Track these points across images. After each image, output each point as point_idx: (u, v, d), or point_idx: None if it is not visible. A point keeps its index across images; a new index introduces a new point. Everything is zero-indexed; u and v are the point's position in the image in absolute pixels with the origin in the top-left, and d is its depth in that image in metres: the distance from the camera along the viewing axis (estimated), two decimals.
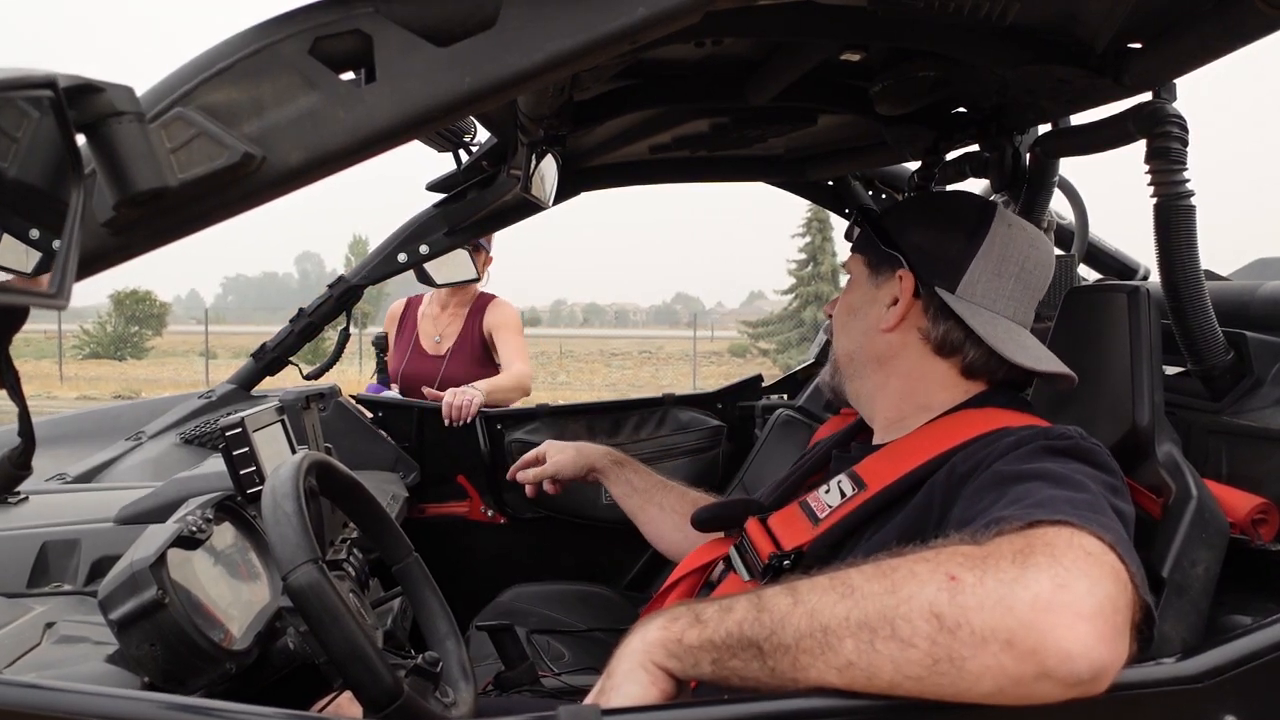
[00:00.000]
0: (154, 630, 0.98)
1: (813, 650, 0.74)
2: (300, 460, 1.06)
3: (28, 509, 1.53)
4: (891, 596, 0.73)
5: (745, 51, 1.58)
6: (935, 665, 0.70)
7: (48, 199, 0.63)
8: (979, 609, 0.70)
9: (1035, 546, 0.73)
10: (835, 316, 1.29)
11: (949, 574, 0.72)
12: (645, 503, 1.67)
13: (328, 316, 2.35)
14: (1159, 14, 1.17)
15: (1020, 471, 0.90)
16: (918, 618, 0.71)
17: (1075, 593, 0.69)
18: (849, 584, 0.76)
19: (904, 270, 1.18)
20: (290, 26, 0.73)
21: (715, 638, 0.79)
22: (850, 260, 1.30)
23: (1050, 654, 0.68)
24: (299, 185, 0.75)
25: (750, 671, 0.78)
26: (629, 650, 0.85)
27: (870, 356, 1.22)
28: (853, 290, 1.27)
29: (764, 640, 0.77)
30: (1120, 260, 2.25)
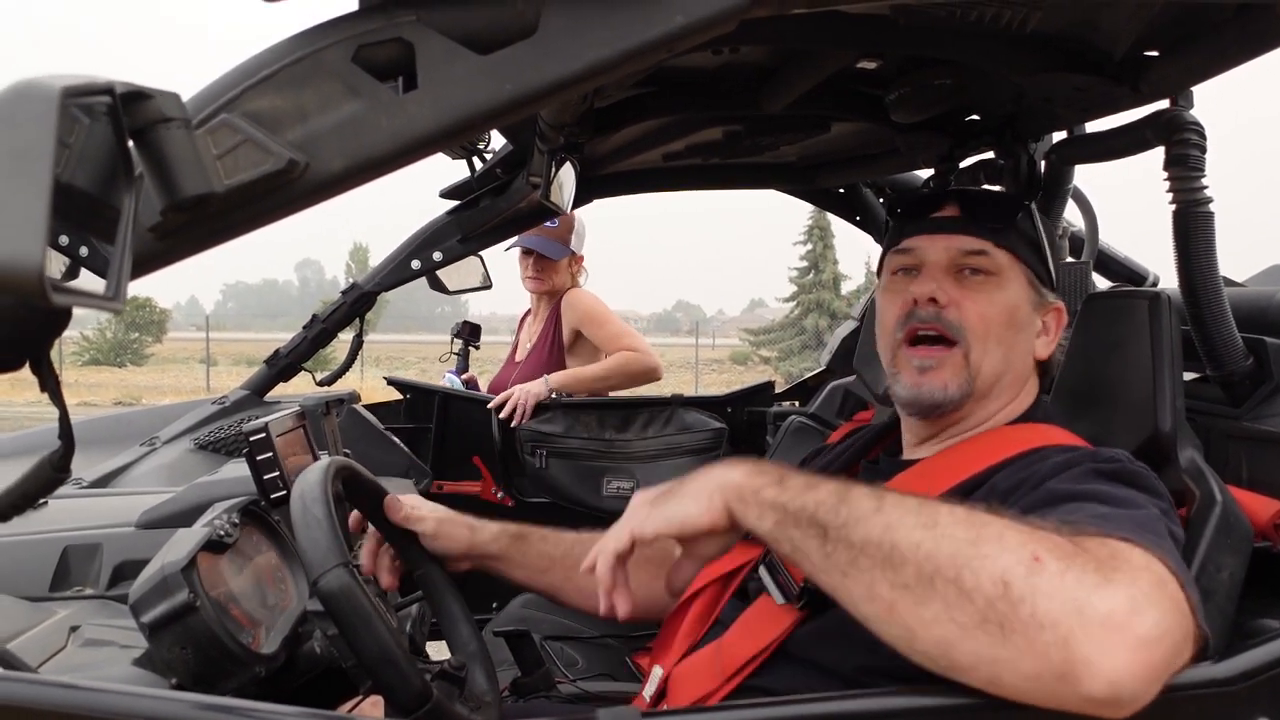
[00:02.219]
0: (185, 633, 0.98)
1: (874, 559, 0.76)
2: (327, 465, 1.07)
3: (49, 513, 1.54)
4: (971, 547, 0.73)
5: (761, 59, 1.59)
6: (983, 624, 0.71)
7: (99, 204, 0.64)
8: (1050, 597, 0.70)
9: (1118, 562, 0.73)
10: (988, 321, 1.09)
11: (1034, 554, 0.72)
12: (572, 569, 1.33)
13: (341, 323, 2.37)
14: (1178, 22, 1.18)
15: (1074, 491, 0.90)
16: (986, 577, 0.71)
17: (1145, 621, 0.69)
18: (935, 518, 0.76)
19: (1060, 303, 1.15)
20: (333, 34, 0.74)
21: (790, 505, 0.81)
22: (998, 253, 1.11)
23: (1095, 669, 0.68)
24: (340, 191, 0.76)
25: (807, 548, 0.80)
26: (705, 476, 0.87)
27: (1015, 380, 1.13)
28: (1009, 295, 1.11)
29: (833, 528, 0.78)
30: (1129, 267, 2.26)
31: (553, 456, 2.63)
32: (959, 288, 1.10)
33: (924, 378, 1.10)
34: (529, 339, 3.11)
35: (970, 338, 1.09)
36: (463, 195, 2.28)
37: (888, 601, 0.75)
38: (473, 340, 3.19)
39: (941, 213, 1.15)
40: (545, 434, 2.64)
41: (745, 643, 1.07)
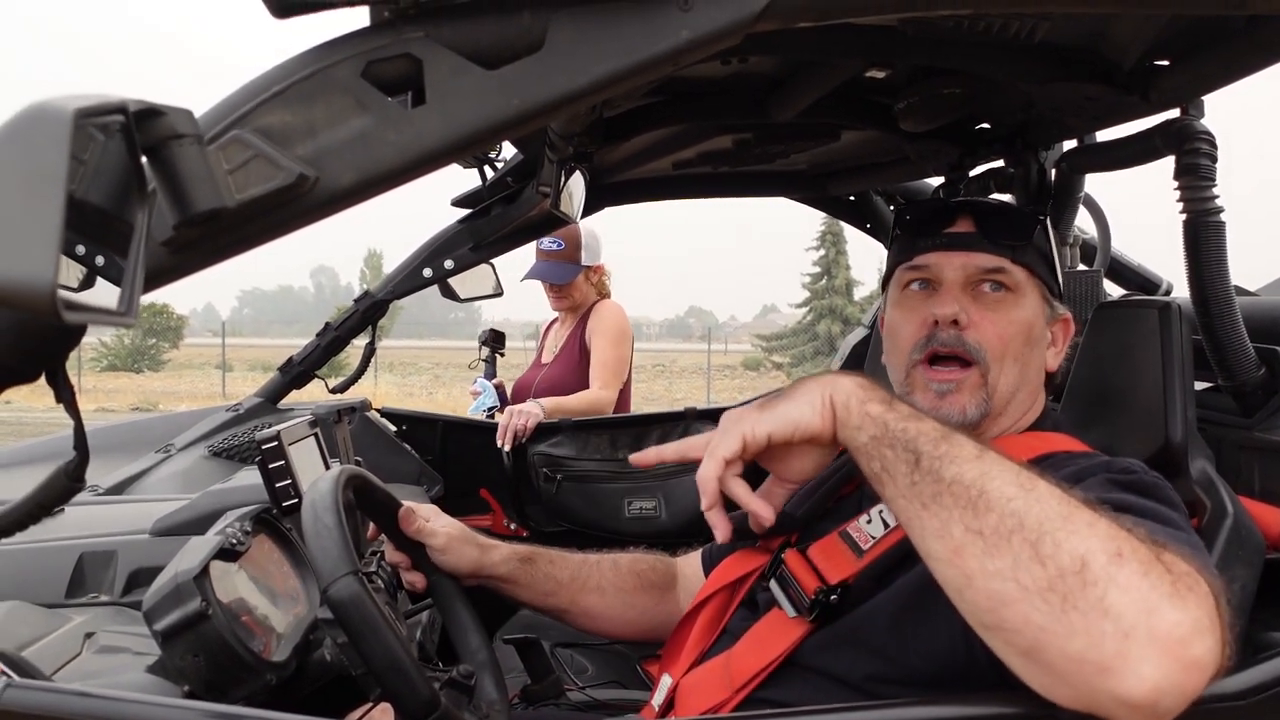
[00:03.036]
0: (198, 641, 0.99)
1: (959, 498, 0.76)
2: (339, 474, 1.08)
3: (64, 520, 1.55)
4: (1061, 520, 0.73)
5: (770, 69, 1.60)
6: (1046, 592, 0.70)
7: (113, 219, 0.65)
8: (1125, 590, 0.69)
9: (1193, 583, 0.73)
10: (1007, 340, 1.08)
11: (1119, 549, 0.71)
12: (578, 592, 1.38)
13: (353, 331, 2.38)
14: (1188, 31, 1.17)
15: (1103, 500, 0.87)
16: (1066, 551, 0.71)
17: (1203, 645, 0.69)
18: (1033, 484, 0.76)
19: (1068, 314, 1.14)
20: (343, 50, 0.75)
21: (893, 425, 0.82)
22: (1015, 269, 1.10)
23: (1143, 674, 0.68)
24: (350, 205, 0.77)
25: (895, 471, 0.80)
26: (814, 381, 0.89)
27: (1028, 394, 1.12)
28: (1026, 311, 1.10)
29: (928, 458, 0.79)
30: (1142, 275, 2.25)
31: (568, 481, 2.53)
32: (977, 306, 1.10)
33: (943, 401, 1.08)
34: (555, 344, 3.16)
35: (989, 358, 1.08)
36: (474, 204, 2.29)
37: (957, 543, 0.75)
38: (498, 347, 3.22)
39: (955, 227, 1.13)
40: (557, 458, 2.54)
41: (755, 654, 1.07)
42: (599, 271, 3.15)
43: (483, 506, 2.58)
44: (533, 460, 2.56)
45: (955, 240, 1.12)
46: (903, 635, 0.97)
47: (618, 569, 1.40)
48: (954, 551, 0.76)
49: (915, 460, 0.79)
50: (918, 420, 0.83)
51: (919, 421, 0.83)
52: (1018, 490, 0.75)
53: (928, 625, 0.94)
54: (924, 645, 0.95)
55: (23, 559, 1.42)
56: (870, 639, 0.99)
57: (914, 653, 0.95)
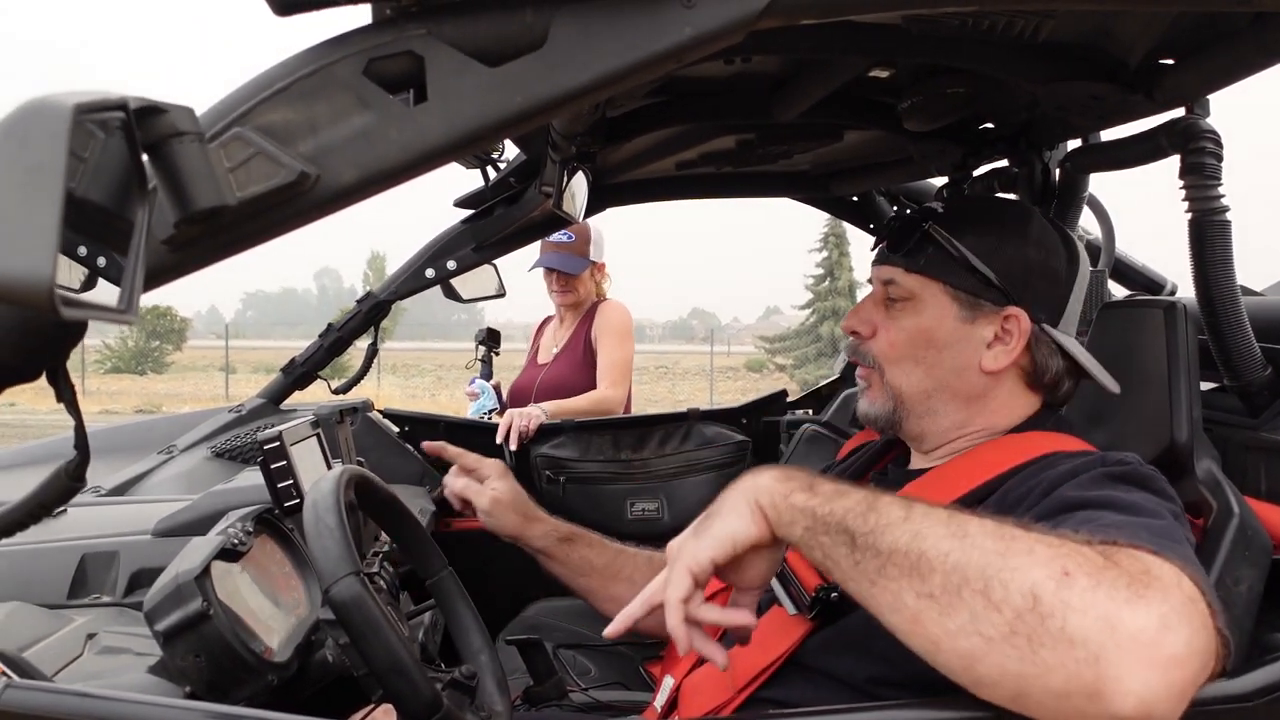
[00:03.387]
0: (199, 642, 0.99)
1: (901, 567, 0.76)
2: (340, 474, 1.07)
3: (66, 521, 1.55)
4: (999, 559, 0.73)
5: (773, 68, 1.60)
6: (1010, 637, 0.70)
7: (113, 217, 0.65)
8: (1081, 612, 0.69)
9: (1150, 577, 0.72)
10: (897, 346, 1.13)
11: (1064, 568, 0.71)
12: (610, 579, 1.45)
13: (356, 332, 2.38)
14: (1193, 30, 1.17)
15: (1087, 498, 0.89)
16: (1015, 589, 0.71)
17: (1176, 639, 0.69)
18: (964, 529, 0.76)
19: (1015, 310, 1.10)
20: (345, 48, 0.75)
21: (819, 511, 0.82)
22: (906, 278, 1.13)
23: (1126, 688, 0.67)
24: (351, 203, 0.76)
25: (836, 555, 0.80)
26: (738, 488, 0.88)
27: (957, 395, 1.13)
28: (923, 318, 1.12)
29: (861, 535, 0.79)
30: (1147, 275, 2.24)
31: (571, 482, 2.52)
32: (884, 315, 1.16)
33: (863, 397, 1.19)
34: (554, 344, 3.15)
35: (883, 362, 1.15)
36: (477, 204, 2.29)
37: (913, 611, 0.75)
38: (494, 346, 3.21)
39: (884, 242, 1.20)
40: (560, 459, 2.53)
41: (757, 654, 1.07)
42: (601, 270, 3.18)
43: None
44: (535, 462, 2.55)
45: (878, 255, 1.20)
46: None
47: (651, 565, 1.44)
48: (912, 620, 0.76)
49: (851, 540, 0.80)
50: (842, 497, 0.83)
51: (843, 498, 0.83)
52: (952, 542, 0.75)
53: None
54: None
55: (24, 560, 1.42)
56: (872, 642, 0.99)
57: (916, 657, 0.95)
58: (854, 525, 0.80)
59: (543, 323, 3.35)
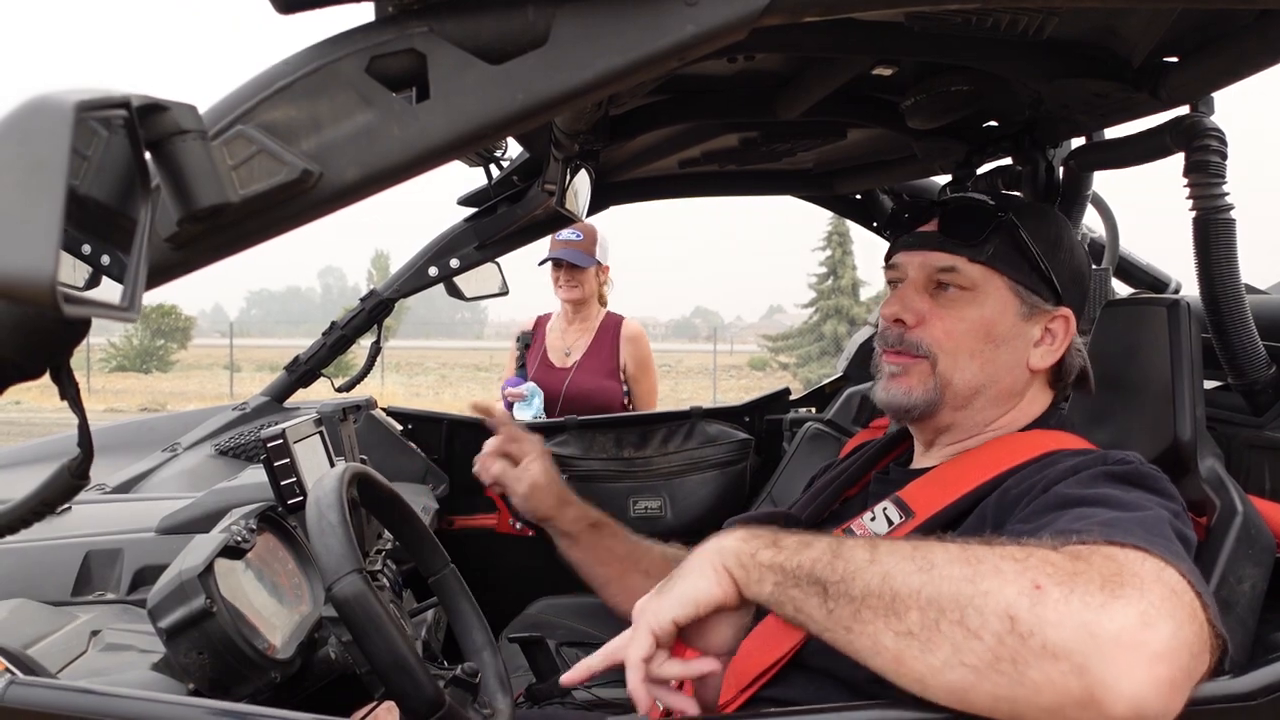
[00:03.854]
0: (202, 639, 0.99)
1: (876, 609, 0.75)
2: (343, 471, 1.08)
3: (71, 519, 1.56)
4: (970, 585, 0.72)
5: (777, 66, 1.59)
6: (996, 663, 0.70)
7: (116, 215, 0.65)
8: (1058, 625, 0.69)
9: (1124, 575, 0.72)
10: (955, 336, 1.10)
11: (1034, 582, 0.71)
12: (628, 570, 1.43)
13: (359, 330, 2.38)
14: (1197, 28, 1.17)
15: (1083, 495, 0.89)
16: (991, 614, 0.70)
17: (1159, 634, 0.68)
18: (930, 559, 0.75)
19: (1066, 310, 1.12)
20: (347, 45, 0.75)
21: (787, 565, 0.82)
22: (970, 268, 1.10)
23: (1115, 692, 0.67)
24: (354, 200, 0.76)
25: (809, 607, 0.79)
26: (703, 550, 0.88)
27: (1001, 391, 1.12)
28: (986, 310, 1.10)
29: (832, 584, 0.78)
30: (1151, 274, 2.24)
31: (574, 480, 2.51)
32: (932, 304, 1.12)
33: (892, 383, 1.13)
34: (566, 345, 3.20)
35: (937, 351, 1.11)
36: (480, 202, 2.29)
37: (894, 652, 0.74)
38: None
39: (925, 226, 1.16)
40: (563, 457, 2.54)
41: (759, 654, 1.07)
42: (605, 272, 3.26)
43: (488, 505, 2.58)
44: None
45: (919, 240, 1.15)
46: None
47: (665, 559, 1.44)
48: (896, 661, 0.75)
49: (823, 590, 0.79)
50: (808, 548, 0.82)
51: (809, 549, 0.82)
52: (921, 576, 0.75)
53: None
54: None
55: (29, 557, 1.43)
56: None
57: None
58: (823, 574, 0.79)
59: (540, 320, 3.36)
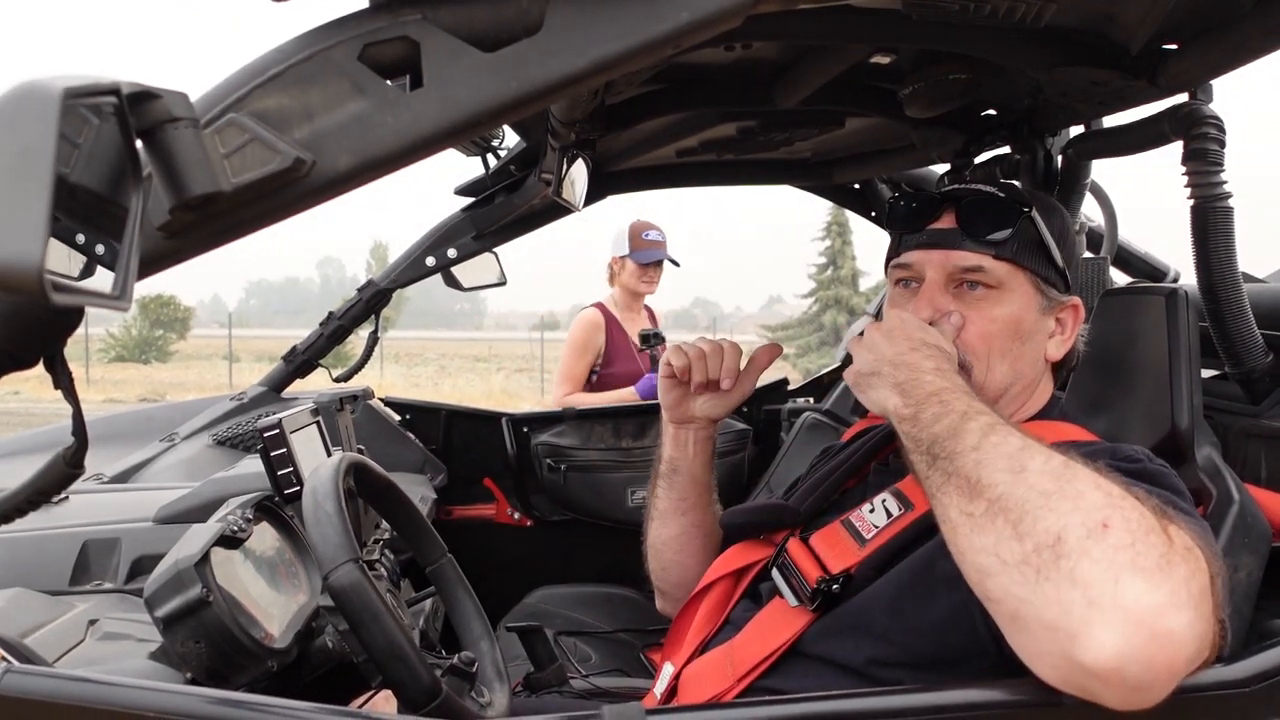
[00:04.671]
0: (199, 627, 0.99)
1: (959, 488, 0.84)
2: (339, 461, 1.08)
3: (69, 508, 1.56)
4: (1043, 499, 0.77)
5: (774, 55, 1.58)
6: (1022, 565, 0.75)
7: (107, 203, 0.65)
8: (1095, 562, 0.72)
9: (1189, 557, 0.74)
10: (989, 339, 1.08)
11: (1105, 520, 0.74)
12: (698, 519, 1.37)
13: (357, 320, 2.38)
14: (1197, 15, 1.16)
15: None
16: (1043, 528, 0.75)
17: (1178, 620, 0.70)
18: (1025, 464, 0.81)
19: (1076, 299, 1.13)
20: (340, 33, 0.74)
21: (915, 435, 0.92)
22: (996, 265, 1.08)
23: (1103, 641, 0.69)
24: (347, 189, 0.76)
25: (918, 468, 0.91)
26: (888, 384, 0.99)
27: (1025, 387, 1.12)
28: (1013, 307, 1.08)
29: (940, 459, 0.87)
30: (1150, 263, 2.23)
31: (572, 470, 2.55)
32: (958, 304, 1.09)
33: None
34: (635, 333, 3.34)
35: (972, 358, 1.08)
36: (477, 192, 2.29)
37: (953, 523, 0.83)
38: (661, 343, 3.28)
39: (938, 223, 1.12)
40: (562, 447, 2.56)
41: (757, 644, 1.07)
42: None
43: (486, 495, 2.59)
44: (536, 450, 2.56)
45: (936, 238, 1.11)
46: (903, 616, 0.97)
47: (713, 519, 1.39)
48: (951, 530, 0.84)
49: (932, 460, 0.88)
50: (937, 423, 0.90)
51: (938, 424, 0.90)
52: (1005, 475, 0.81)
53: (927, 604, 0.95)
54: (924, 623, 0.95)
55: (26, 546, 1.43)
56: (872, 623, 0.99)
57: (913, 632, 0.96)
58: (937, 450, 0.88)
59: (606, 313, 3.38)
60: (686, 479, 1.35)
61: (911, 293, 1.13)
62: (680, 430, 1.34)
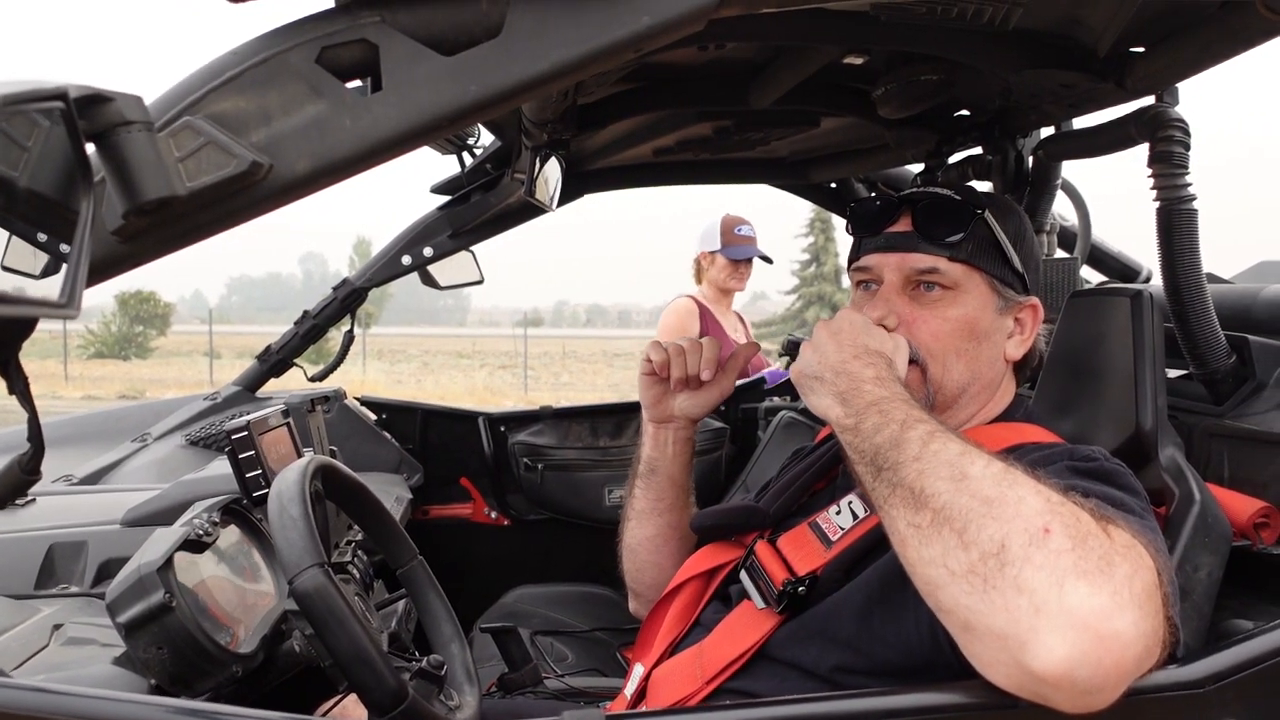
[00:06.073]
0: (161, 633, 0.98)
1: (904, 499, 0.84)
2: (306, 464, 1.07)
3: (35, 511, 1.54)
4: (985, 506, 0.78)
5: (749, 55, 1.59)
6: (969, 575, 0.75)
7: (58, 207, 0.64)
8: (1039, 568, 0.72)
9: (1131, 555, 0.75)
10: (942, 338, 1.09)
11: (1046, 525, 0.75)
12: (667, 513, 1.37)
13: (332, 319, 2.36)
14: (1161, 19, 1.17)
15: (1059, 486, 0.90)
16: (987, 536, 0.76)
17: (1122, 620, 0.71)
18: (966, 472, 0.81)
19: (1034, 299, 1.13)
20: (297, 35, 0.73)
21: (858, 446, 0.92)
22: (951, 267, 1.09)
23: (1050, 647, 0.70)
24: (306, 193, 0.75)
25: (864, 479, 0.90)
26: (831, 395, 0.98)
27: (984, 386, 1.12)
28: (968, 308, 1.09)
29: (885, 470, 0.87)
30: (1122, 262, 2.25)
31: (549, 469, 2.54)
32: (914, 306, 1.10)
33: None
34: (733, 329, 3.42)
35: (926, 357, 1.09)
36: (453, 190, 2.28)
37: (901, 535, 0.83)
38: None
39: (896, 226, 1.12)
40: (538, 446, 2.55)
41: (727, 646, 1.08)
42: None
43: (463, 495, 2.57)
44: (513, 449, 2.55)
45: (893, 241, 1.12)
46: (869, 625, 0.97)
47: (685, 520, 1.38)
48: (901, 543, 0.83)
49: (877, 471, 0.88)
50: (879, 433, 0.90)
51: (879, 434, 0.90)
52: (948, 484, 0.81)
53: (894, 615, 0.95)
54: (890, 634, 0.95)
55: None
56: (838, 631, 1.00)
57: (880, 642, 0.96)
58: (880, 460, 0.88)
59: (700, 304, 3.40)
60: (665, 479, 1.35)
61: (871, 295, 1.13)
62: (660, 430, 1.34)
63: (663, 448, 1.34)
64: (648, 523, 1.38)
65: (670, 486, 1.36)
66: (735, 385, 1.33)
